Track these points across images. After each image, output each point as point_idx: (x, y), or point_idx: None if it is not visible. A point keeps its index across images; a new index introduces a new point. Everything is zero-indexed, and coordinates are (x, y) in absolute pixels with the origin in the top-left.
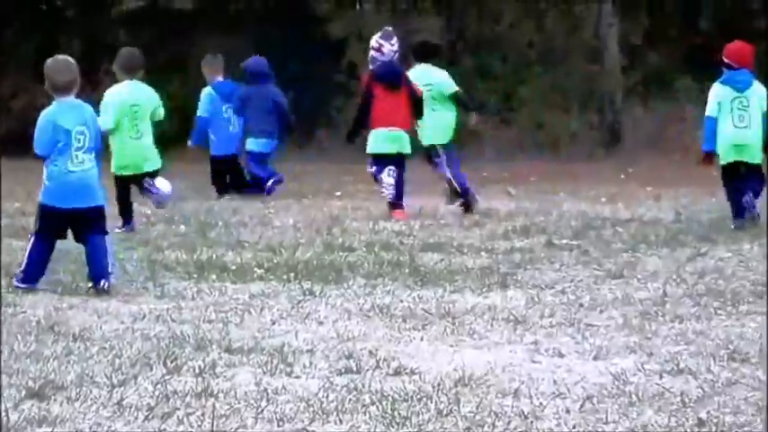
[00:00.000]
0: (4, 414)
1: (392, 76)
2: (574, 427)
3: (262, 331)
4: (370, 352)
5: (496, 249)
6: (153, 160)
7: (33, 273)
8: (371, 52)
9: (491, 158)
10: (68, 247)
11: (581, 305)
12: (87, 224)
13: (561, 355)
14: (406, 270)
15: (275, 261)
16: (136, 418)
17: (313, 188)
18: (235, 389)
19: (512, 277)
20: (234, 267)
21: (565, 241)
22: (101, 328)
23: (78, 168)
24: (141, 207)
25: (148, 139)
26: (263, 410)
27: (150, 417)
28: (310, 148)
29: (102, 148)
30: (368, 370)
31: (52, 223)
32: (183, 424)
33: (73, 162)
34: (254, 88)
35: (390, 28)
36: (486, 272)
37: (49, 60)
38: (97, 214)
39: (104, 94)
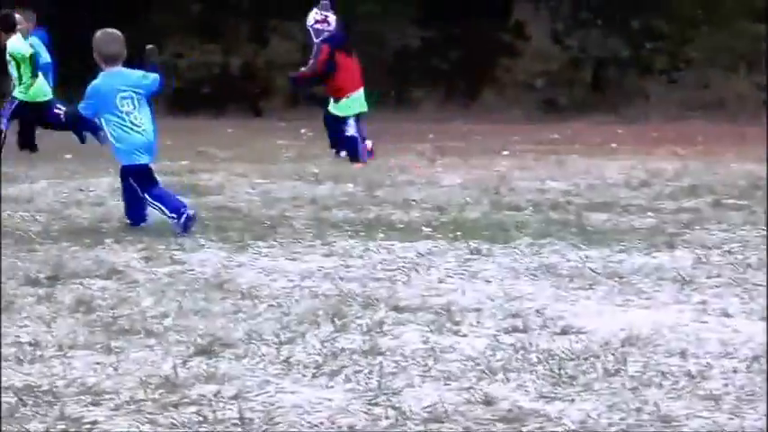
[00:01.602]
0: (172, 370)
1: (347, 43)
2: (741, 388)
3: (429, 290)
4: (537, 311)
5: (663, 209)
6: None
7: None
8: (316, 25)
9: (658, 118)
10: (239, 206)
11: (749, 265)
12: None
13: (729, 316)
14: (573, 229)
15: (442, 220)
16: (303, 376)
17: (480, 147)
18: (402, 347)
19: (679, 237)
20: (401, 226)
21: (732, 201)
22: (269, 285)
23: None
24: (309, 165)
25: None
26: (430, 369)
27: (318, 374)
28: (476, 107)
29: None
30: (535, 329)
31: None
32: (350, 382)
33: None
34: None
35: (327, 2)
36: (653, 232)
37: (98, 32)
38: None
39: None
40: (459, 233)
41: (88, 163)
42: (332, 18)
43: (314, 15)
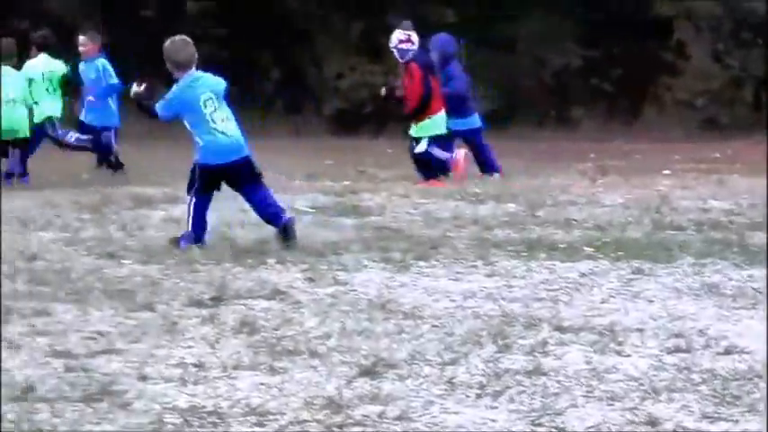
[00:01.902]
0: (336, 390)
1: (431, 63)
2: None
3: (591, 310)
4: (700, 331)
5: None
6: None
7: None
8: (401, 45)
9: None
10: (401, 226)
11: None
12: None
13: None
14: (736, 249)
15: (604, 239)
16: (467, 396)
17: (641, 166)
18: (565, 367)
19: None
20: (563, 246)
21: None
22: (431, 305)
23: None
24: (470, 185)
25: None
26: (593, 389)
27: (481, 395)
28: (637, 126)
29: None
30: (698, 349)
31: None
32: (513, 402)
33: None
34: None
35: (410, 21)
36: None
37: (167, 42)
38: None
39: None
40: (620, 253)
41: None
42: (415, 37)
43: (397, 35)
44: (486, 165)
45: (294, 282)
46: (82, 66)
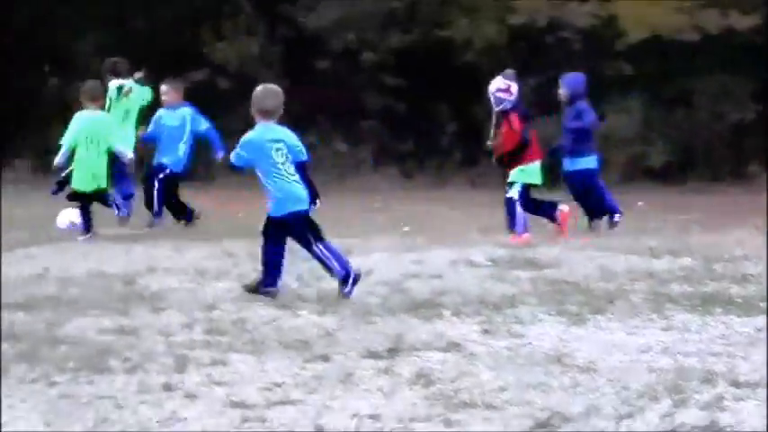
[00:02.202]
0: None
1: (528, 114)
2: None
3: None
4: None
5: None
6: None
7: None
8: (498, 93)
9: None
10: (576, 280)
11: None
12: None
13: None
14: None
15: None
16: None
17: None
18: (742, 423)
19: None
20: (739, 300)
21: None
22: (606, 359)
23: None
24: (645, 238)
25: None
26: None
27: None
28: None
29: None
30: None
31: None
32: None
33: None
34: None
35: (513, 71)
36: None
37: (259, 87)
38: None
39: None
40: None
41: (426, 234)
42: (515, 88)
43: (497, 84)
44: (603, 206)
45: (470, 334)
46: (161, 112)
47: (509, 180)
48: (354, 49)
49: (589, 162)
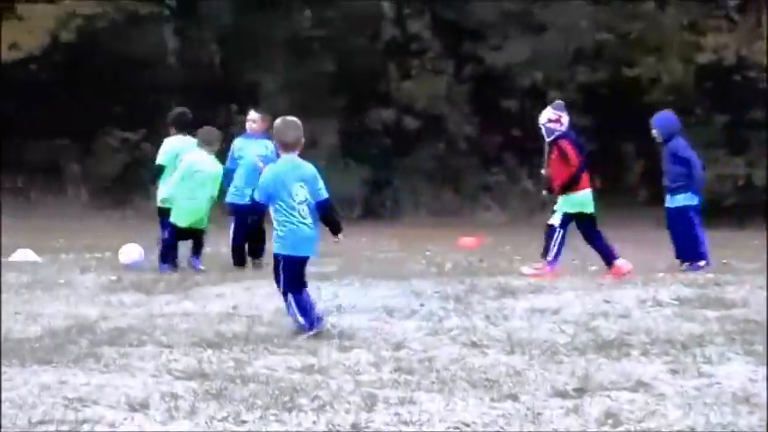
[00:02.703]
0: None
1: (580, 143)
2: None
3: None
4: None
5: None
6: None
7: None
8: (549, 124)
9: None
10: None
11: None
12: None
13: None
14: None
15: None
16: None
17: None
18: None
19: None
20: None
21: None
22: None
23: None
24: None
25: None
26: None
27: None
28: None
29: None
30: None
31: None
32: None
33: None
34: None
35: (562, 102)
36: None
37: (279, 120)
38: None
39: None
40: None
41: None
42: (565, 119)
43: (548, 114)
44: (693, 248)
45: (658, 374)
46: (242, 142)
47: (556, 208)
48: (541, 88)
49: (686, 199)
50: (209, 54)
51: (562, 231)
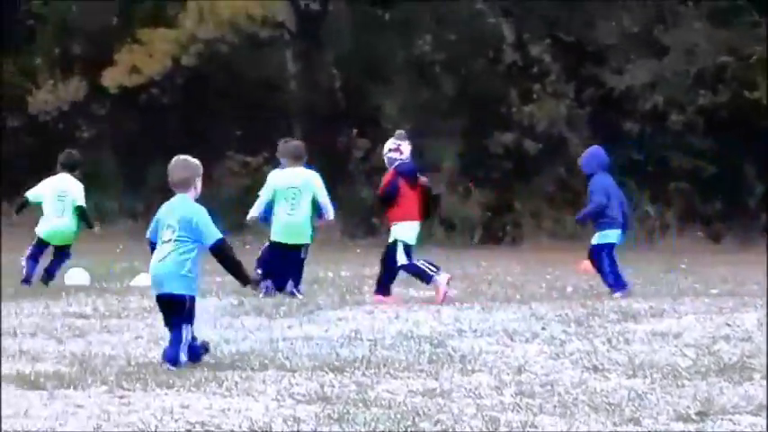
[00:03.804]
0: None
1: (413, 175)
2: None
3: None
4: None
5: None
6: None
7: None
8: (389, 153)
9: None
10: None
11: None
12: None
13: None
14: None
15: None
16: None
17: None
18: None
19: None
20: None
21: None
22: None
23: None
24: None
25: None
26: None
27: None
28: None
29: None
30: None
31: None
32: None
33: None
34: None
35: (403, 131)
36: None
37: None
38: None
39: None
40: None
41: (734, 297)
42: (405, 147)
43: (388, 144)
44: (612, 279)
45: None
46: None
47: (390, 240)
48: (662, 110)
49: (603, 237)
50: (330, 77)
51: (400, 259)
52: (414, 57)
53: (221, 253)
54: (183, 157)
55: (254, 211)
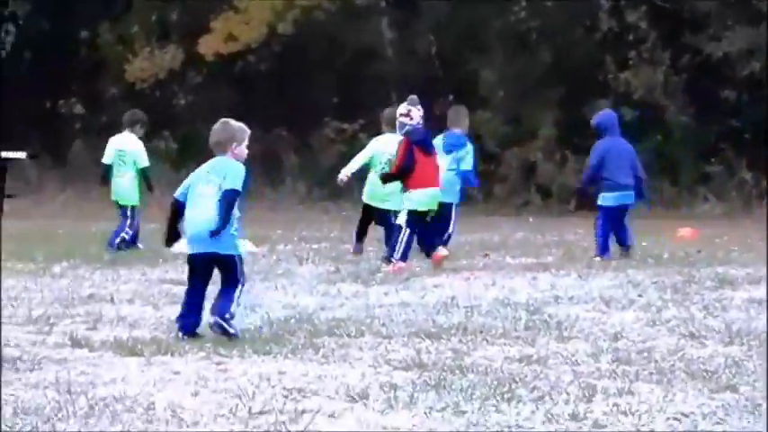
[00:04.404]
0: None
1: (427, 141)
2: None
3: None
4: None
5: None
6: None
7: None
8: (400, 118)
9: None
10: None
11: None
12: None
13: None
14: None
15: None
16: None
17: None
18: None
19: None
20: None
21: None
22: None
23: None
24: None
25: None
26: None
27: None
28: None
29: None
30: None
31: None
32: None
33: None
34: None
35: (416, 96)
36: None
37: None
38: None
39: None
40: None
41: None
42: (415, 113)
43: (400, 109)
44: (618, 240)
45: None
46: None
47: (401, 209)
48: (759, 77)
49: (602, 199)
50: (426, 45)
51: (408, 230)
52: (509, 24)
53: (230, 200)
54: (223, 120)
55: (347, 170)
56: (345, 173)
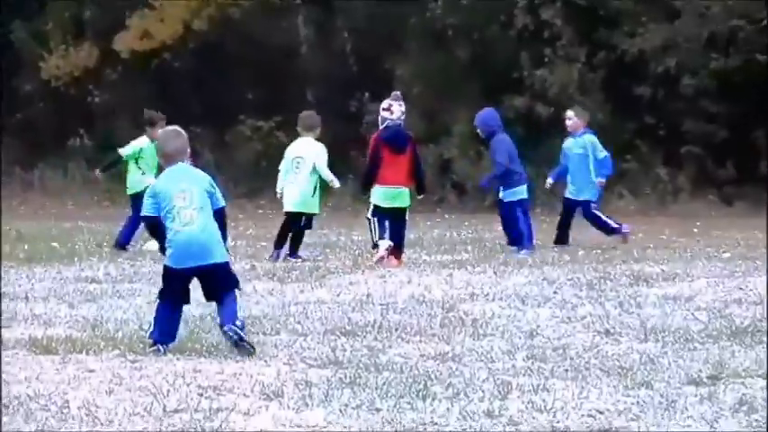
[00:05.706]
0: None
1: (398, 141)
2: None
3: None
4: None
5: None
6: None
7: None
8: (381, 113)
9: None
10: None
11: None
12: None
13: None
14: None
15: None
16: None
17: None
18: None
19: None
20: None
21: None
22: None
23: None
24: None
25: None
26: None
27: None
28: None
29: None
30: None
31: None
32: None
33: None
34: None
35: (399, 92)
36: None
37: (161, 131)
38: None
39: None
40: None
41: (747, 261)
42: (396, 108)
43: (382, 104)
44: (521, 237)
45: None
46: (569, 141)
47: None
48: (674, 74)
49: (513, 194)
50: (342, 42)
51: (374, 219)
52: (426, 21)
53: (223, 217)
54: (172, 127)
55: (278, 189)
56: (278, 191)
